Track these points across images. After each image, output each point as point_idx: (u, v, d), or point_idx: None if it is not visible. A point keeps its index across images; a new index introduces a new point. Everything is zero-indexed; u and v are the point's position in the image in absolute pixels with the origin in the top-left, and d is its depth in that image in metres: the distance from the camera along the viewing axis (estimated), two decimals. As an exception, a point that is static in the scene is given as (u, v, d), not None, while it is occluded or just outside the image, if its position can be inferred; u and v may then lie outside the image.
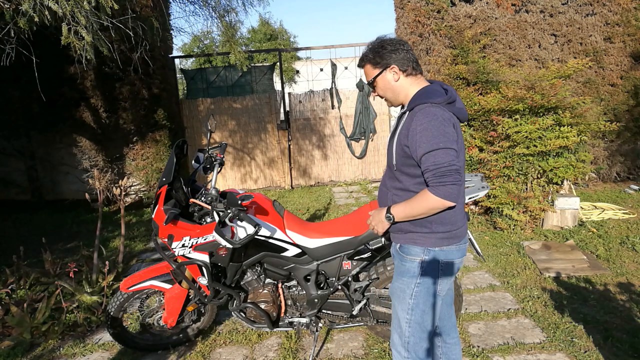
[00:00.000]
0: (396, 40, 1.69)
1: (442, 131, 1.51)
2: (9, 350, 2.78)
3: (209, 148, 2.58)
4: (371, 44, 1.71)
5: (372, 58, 1.68)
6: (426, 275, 1.69)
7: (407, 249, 1.71)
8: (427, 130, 1.51)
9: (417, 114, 1.56)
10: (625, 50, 5.97)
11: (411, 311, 1.72)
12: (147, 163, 6.43)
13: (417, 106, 1.59)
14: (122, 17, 3.79)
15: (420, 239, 1.67)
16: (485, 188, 2.51)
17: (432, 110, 1.55)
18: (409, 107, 1.64)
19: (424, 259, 1.68)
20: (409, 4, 6.19)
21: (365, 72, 1.74)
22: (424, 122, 1.53)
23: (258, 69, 7.69)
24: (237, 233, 2.19)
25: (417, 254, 1.69)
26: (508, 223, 4.52)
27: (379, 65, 1.68)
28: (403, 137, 1.60)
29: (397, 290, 1.77)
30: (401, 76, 1.67)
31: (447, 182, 1.49)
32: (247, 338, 2.83)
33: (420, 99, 1.61)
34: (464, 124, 4.98)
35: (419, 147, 1.52)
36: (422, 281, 1.69)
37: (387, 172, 1.80)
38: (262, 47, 20.36)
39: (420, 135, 1.52)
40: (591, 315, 2.88)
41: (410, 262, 1.70)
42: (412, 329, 1.73)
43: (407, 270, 1.72)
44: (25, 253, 3.64)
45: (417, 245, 1.68)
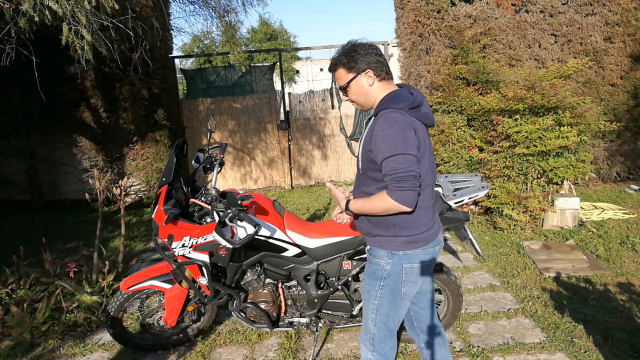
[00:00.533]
0: (368, 44, 1.69)
1: (402, 137, 1.53)
2: (9, 350, 2.78)
3: (209, 148, 2.58)
4: (343, 47, 1.70)
5: (347, 62, 1.68)
6: (389, 278, 1.73)
7: (375, 252, 1.77)
8: (388, 136, 1.55)
9: (379, 120, 1.60)
10: (625, 50, 5.97)
11: (376, 311, 1.78)
12: (147, 163, 6.43)
13: (381, 112, 1.64)
14: (122, 17, 3.79)
15: (385, 242, 1.72)
16: (485, 188, 2.51)
17: (394, 115, 1.57)
18: (374, 113, 1.68)
19: (387, 262, 1.72)
20: (409, 4, 6.19)
21: (338, 76, 1.73)
22: (384, 127, 1.56)
23: (258, 69, 7.69)
24: (237, 233, 2.18)
25: (382, 257, 1.73)
26: (508, 223, 4.52)
27: (353, 70, 1.68)
28: (367, 142, 1.65)
29: (364, 291, 1.84)
30: (375, 81, 1.69)
31: (404, 187, 1.52)
32: (247, 338, 2.83)
33: (384, 105, 1.64)
34: (464, 123, 4.99)
35: (380, 152, 1.56)
36: (386, 284, 1.74)
37: (356, 177, 1.83)
38: (262, 47, 20.35)
39: (381, 140, 1.56)
40: (591, 315, 2.88)
41: (376, 265, 1.76)
42: (377, 327, 1.80)
43: (373, 272, 1.77)
44: (25, 253, 3.64)
45: (383, 249, 1.73)
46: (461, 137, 4.95)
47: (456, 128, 5.01)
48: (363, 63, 1.66)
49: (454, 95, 5.14)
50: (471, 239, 2.52)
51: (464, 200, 2.46)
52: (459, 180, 2.58)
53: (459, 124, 5.00)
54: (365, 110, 1.80)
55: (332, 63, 1.74)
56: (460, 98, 5.05)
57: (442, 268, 2.50)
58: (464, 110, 5.01)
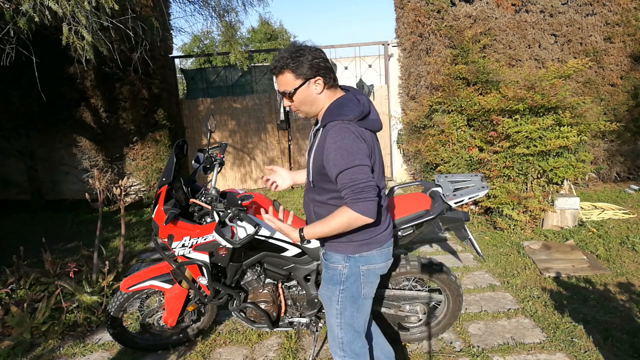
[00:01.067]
0: (316, 48, 1.57)
1: (355, 148, 1.48)
2: (9, 350, 2.78)
3: (209, 148, 2.58)
4: (289, 50, 1.55)
5: (295, 67, 1.53)
6: (348, 281, 1.71)
7: (330, 257, 1.73)
8: (342, 149, 1.48)
9: (330, 132, 1.52)
10: (625, 50, 5.97)
11: (340, 315, 1.76)
12: (147, 163, 6.43)
13: (329, 123, 1.55)
14: (122, 17, 3.79)
15: (340, 246, 1.68)
16: (485, 188, 2.51)
17: (344, 126, 1.51)
18: (322, 124, 1.59)
19: (344, 266, 1.69)
20: (409, 4, 6.19)
21: (283, 80, 1.57)
22: (337, 140, 1.49)
23: (258, 69, 7.69)
24: (237, 233, 2.18)
25: (338, 261, 1.70)
26: (508, 223, 4.52)
27: (302, 76, 1.54)
28: (318, 155, 1.57)
29: (324, 297, 1.80)
30: (324, 89, 1.59)
31: (365, 198, 1.47)
32: (247, 338, 2.83)
33: (331, 115, 1.55)
34: (464, 123, 4.99)
35: (334, 166, 1.50)
36: (345, 287, 1.71)
37: (306, 185, 1.77)
38: (262, 47, 20.36)
39: (334, 154, 1.49)
40: (591, 315, 2.88)
41: (333, 270, 1.72)
42: (344, 331, 1.78)
43: (331, 277, 1.74)
44: (25, 253, 3.64)
45: (338, 253, 1.70)
46: (461, 137, 4.95)
47: (456, 128, 5.01)
48: (313, 69, 1.54)
49: (454, 95, 5.14)
50: (471, 239, 2.52)
51: (464, 200, 2.46)
52: (459, 180, 2.58)
53: (459, 124, 5.00)
54: (309, 117, 1.69)
55: (276, 65, 1.56)
56: (460, 98, 5.05)
57: (442, 268, 2.50)
58: (464, 110, 5.01)
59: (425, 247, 4.34)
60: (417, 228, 2.37)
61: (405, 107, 6.73)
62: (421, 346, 2.65)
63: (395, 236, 2.36)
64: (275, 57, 1.58)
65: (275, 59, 1.58)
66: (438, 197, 2.45)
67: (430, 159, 5.32)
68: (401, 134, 6.82)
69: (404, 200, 2.44)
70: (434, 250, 4.27)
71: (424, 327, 2.65)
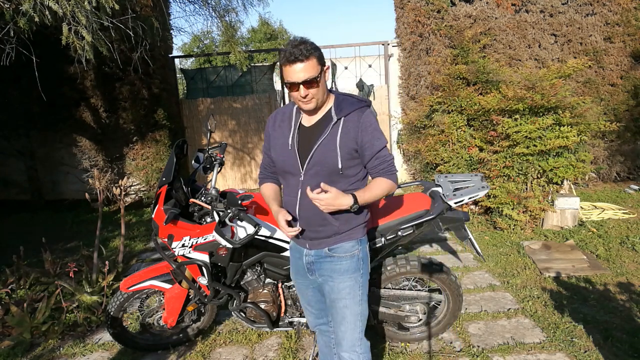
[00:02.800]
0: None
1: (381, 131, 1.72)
2: (9, 350, 2.78)
3: (209, 148, 2.58)
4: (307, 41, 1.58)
5: (318, 54, 1.59)
6: (364, 262, 1.81)
7: (340, 248, 1.76)
8: (377, 130, 1.69)
9: (363, 116, 1.67)
10: (625, 50, 5.97)
11: (361, 302, 1.80)
12: (147, 163, 6.43)
13: (355, 111, 1.68)
14: (122, 17, 3.79)
15: (354, 232, 1.76)
16: (485, 188, 2.51)
17: (370, 112, 1.71)
18: (344, 114, 1.66)
19: (359, 250, 1.78)
20: (409, 4, 6.19)
21: (309, 66, 1.55)
22: (372, 122, 1.68)
23: (258, 69, 7.68)
24: (237, 233, 2.18)
25: (353, 247, 1.77)
26: (508, 223, 4.52)
27: (322, 64, 1.61)
28: (348, 140, 1.65)
29: (346, 289, 1.76)
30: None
31: (396, 171, 1.73)
32: (247, 338, 2.83)
33: (352, 105, 1.69)
34: (464, 123, 4.99)
35: (377, 141, 1.67)
36: (364, 270, 1.81)
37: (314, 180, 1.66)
38: (262, 47, 20.36)
39: (373, 132, 1.66)
40: (591, 315, 2.88)
41: (350, 259, 1.76)
42: (363, 317, 1.82)
43: (348, 267, 1.76)
44: (25, 253, 3.64)
45: (352, 240, 1.76)
46: (461, 137, 4.95)
47: (456, 128, 5.01)
48: (323, 59, 1.63)
49: (454, 95, 5.14)
50: (471, 239, 2.52)
51: (464, 200, 2.46)
52: (459, 180, 2.58)
53: (459, 124, 5.00)
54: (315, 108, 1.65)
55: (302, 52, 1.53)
56: (460, 98, 5.05)
57: (442, 268, 2.50)
58: (464, 110, 5.01)
59: (425, 247, 4.34)
60: (417, 228, 2.37)
61: (405, 107, 6.72)
62: (421, 346, 2.65)
63: (395, 236, 2.37)
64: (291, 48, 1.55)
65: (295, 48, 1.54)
66: (438, 197, 2.44)
67: (430, 159, 5.32)
68: (401, 134, 6.81)
69: (404, 200, 2.44)
70: (434, 250, 4.27)
71: (424, 327, 2.65)
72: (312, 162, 1.67)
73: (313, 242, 1.77)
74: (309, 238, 1.77)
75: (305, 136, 1.71)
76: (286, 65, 1.56)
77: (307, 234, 1.76)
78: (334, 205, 1.58)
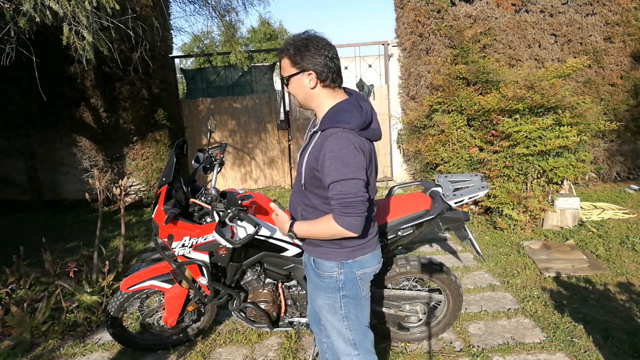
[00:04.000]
0: (323, 43, 1.53)
1: (352, 160, 1.45)
2: (9, 350, 2.78)
3: (209, 148, 2.58)
4: (296, 38, 1.54)
5: (292, 55, 1.52)
6: (346, 287, 1.67)
7: (321, 265, 1.68)
8: (337, 159, 1.44)
9: (329, 139, 1.47)
10: (625, 50, 5.97)
11: (346, 318, 1.71)
12: (147, 163, 6.43)
13: (329, 129, 1.50)
14: (123, 17, 3.79)
15: (330, 253, 1.64)
16: (485, 188, 2.51)
17: (344, 136, 1.46)
18: (321, 128, 1.54)
19: (339, 272, 1.65)
20: (409, 3, 6.19)
21: (282, 65, 1.57)
22: (334, 148, 1.45)
23: (258, 69, 7.68)
24: (237, 233, 2.18)
25: (332, 268, 1.65)
26: (508, 223, 4.52)
27: (297, 66, 1.53)
28: (313, 159, 1.53)
29: (324, 306, 1.73)
30: (318, 85, 1.55)
31: (351, 213, 1.46)
32: (247, 338, 2.83)
33: (332, 121, 1.51)
34: (464, 123, 4.99)
35: (328, 175, 1.47)
36: (345, 293, 1.68)
37: (296, 186, 1.72)
38: (262, 47, 20.35)
39: (329, 162, 1.45)
40: (591, 315, 2.88)
41: (329, 278, 1.67)
42: (353, 331, 1.74)
43: (327, 286, 1.68)
44: (25, 253, 3.64)
45: (330, 260, 1.65)
46: (461, 137, 4.95)
47: (456, 128, 5.01)
48: (309, 63, 1.51)
49: (454, 95, 5.14)
50: (471, 239, 2.52)
51: (464, 200, 2.46)
52: (459, 180, 2.58)
53: (459, 124, 5.00)
54: (304, 109, 1.68)
55: (280, 49, 1.56)
56: (460, 98, 5.05)
57: (442, 268, 2.50)
58: (464, 110, 5.01)
59: (425, 247, 4.34)
60: (417, 228, 2.37)
61: (405, 107, 6.72)
62: (421, 346, 2.65)
63: (395, 236, 2.37)
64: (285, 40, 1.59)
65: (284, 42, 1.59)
66: (438, 197, 2.45)
67: (430, 159, 5.32)
68: (401, 134, 6.81)
69: (404, 200, 2.44)
70: (434, 250, 4.27)
71: (424, 327, 2.65)
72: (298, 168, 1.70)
73: (303, 243, 1.78)
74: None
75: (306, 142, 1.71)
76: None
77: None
78: (278, 223, 1.69)
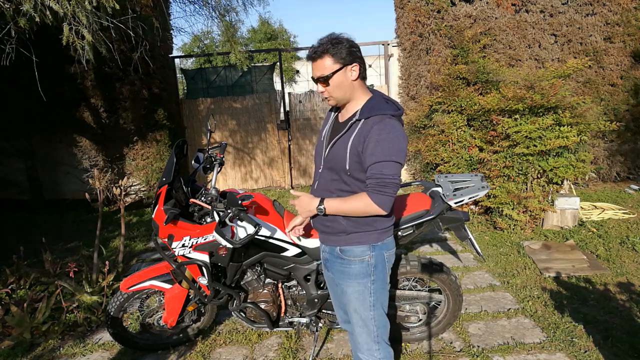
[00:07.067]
0: (352, 39, 1.64)
1: (397, 145, 1.56)
2: (9, 350, 2.78)
3: (209, 148, 2.58)
4: (331, 38, 1.61)
5: (335, 52, 1.59)
6: (377, 270, 1.75)
7: (350, 251, 1.73)
8: (385, 141, 1.55)
9: (378, 124, 1.57)
10: (625, 50, 5.97)
11: (373, 307, 1.78)
12: (147, 163, 6.43)
13: (376, 116, 1.60)
14: (123, 17, 3.78)
15: (363, 237, 1.71)
16: (485, 188, 2.51)
17: (392, 122, 1.58)
18: (365, 116, 1.62)
19: (371, 256, 1.73)
20: (409, 4, 6.19)
21: (321, 64, 1.61)
22: (382, 132, 1.55)
23: (258, 69, 7.68)
24: (237, 233, 2.19)
25: (364, 252, 1.72)
26: (508, 223, 4.52)
27: (342, 60, 1.60)
28: (358, 143, 1.60)
29: (354, 294, 1.78)
30: (358, 77, 1.65)
31: (387, 192, 1.57)
32: (247, 338, 2.83)
33: (376, 109, 1.61)
34: (464, 123, 4.99)
35: (373, 155, 1.55)
36: (376, 277, 1.75)
37: (326, 175, 1.75)
38: (262, 47, 20.35)
39: (374, 144, 1.55)
40: (591, 315, 2.88)
41: (359, 263, 1.73)
42: (377, 323, 1.79)
43: (358, 272, 1.74)
44: (25, 253, 3.64)
45: (361, 245, 1.72)
46: (461, 137, 4.95)
47: (456, 128, 5.01)
48: (351, 56, 1.60)
49: (454, 95, 5.14)
50: (471, 239, 2.52)
51: (464, 200, 2.46)
52: (459, 180, 2.58)
53: (459, 124, 5.00)
54: (337, 105, 1.73)
55: (316, 50, 1.61)
56: (460, 98, 5.05)
57: (442, 268, 2.50)
58: (464, 110, 5.01)
59: (425, 247, 4.34)
60: (417, 228, 2.37)
61: (405, 107, 6.72)
62: (421, 346, 2.65)
63: (395, 236, 2.37)
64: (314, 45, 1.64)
65: (314, 46, 1.63)
66: (438, 197, 2.45)
67: (430, 159, 5.32)
68: (401, 134, 6.81)
69: (404, 200, 2.44)
70: (434, 250, 4.27)
71: (424, 327, 2.65)
72: (329, 157, 1.72)
73: (324, 236, 1.81)
74: (320, 231, 1.82)
75: (335, 131, 1.74)
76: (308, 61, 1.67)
77: (318, 226, 1.81)
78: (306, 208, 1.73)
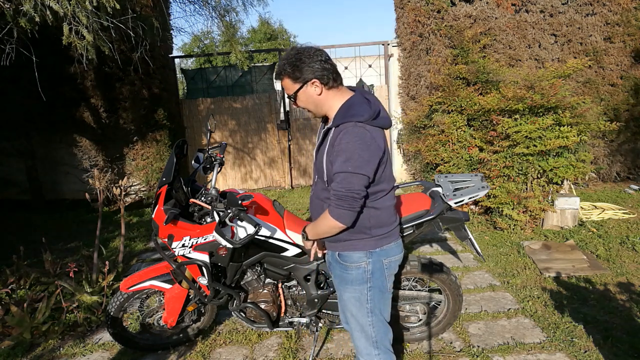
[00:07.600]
0: (314, 50, 1.61)
1: (356, 155, 1.51)
2: (9, 350, 2.78)
3: (208, 148, 2.59)
4: (288, 55, 1.62)
5: (292, 72, 1.60)
6: (374, 277, 1.72)
7: (348, 257, 1.72)
8: (343, 152, 1.52)
9: (342, 133, 1.55)
10: (625, 50, 5.97)
11: (371, 314, 1.76)
12: (147, 163, 6.43)
13: (342, 124, 1.57)
14: (123, 17, 3.78)
15: (359, 244, 1.70)
16: (485, 188, 2.51)
17: (355, 130, 1.54)
18: (335, 124, 1.61)
19: (368, 262, 1.71)
20: (409, 4, 6.19)
21: (285, 85, 1.65)
22: (342, 142, 1.53)
23: (258, 69, 7.68)
24: (237, 233, 2.18)
25: (360, 259, 1.71)
26: (508, 223, 4.52)
27: (299, 80, 1.60)
28: (330, 153, 1.60)
29: (350, 300, 1.77)
30: (323, 89, 1.63)
31: (342, 206, 1.54)
32: (247, 338, 2.83)
33: (344, 117, 1.58)
34: (464, 123, 4.99)
35: (335, 166, 1.55)
36: (373, 284, 1.73)
37: (318, 184, 1.76)
38: (262, 47, 20.36)
39: (337, 154, 1.54)
40: (591, 315, 2.88)
41: (356, 269, 1.72)
42: (376, 328, 1.78)
43: (355, 278, 1.73)
44: (25, 253, 3.64)
45: (358, 251, 1.70)
46: (461, 137, 4.95)
47: (456, 128, 5.01)
48: (309, 72, 1.58)
49: (454, 95, 5.14)
50: (471, 239, 2.52)
51: (464, 200, 2.46)
52: (459, 180, 2.58)
53: (459, 124, 5.00)
54: (318, 117, 1.74)
55: (277, 72, 1.66)
56: (460, 98, 5.05)
57: (442, 268, 2.50)
58: (464, 110, 5.01)
59: (425, 247, 4.34)
60: (417, 228, 2.37)
61: (405, 107, 6.72)
62: (421, 346, 2.65)
63: None
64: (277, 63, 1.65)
65: (277, 65, 1.67)
66: (438, 197, 2.44)
67: (430, 159, 5.32)
68: (401, 134, 6.82)
69: (404, 200, 2.44)
70: (434, 250, 4.27)
71: (424, 327, 2.65)
72: (316, 166, 1.74)
73: (326, 241, 1.81)
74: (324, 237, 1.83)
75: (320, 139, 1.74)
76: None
77: None
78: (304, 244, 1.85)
